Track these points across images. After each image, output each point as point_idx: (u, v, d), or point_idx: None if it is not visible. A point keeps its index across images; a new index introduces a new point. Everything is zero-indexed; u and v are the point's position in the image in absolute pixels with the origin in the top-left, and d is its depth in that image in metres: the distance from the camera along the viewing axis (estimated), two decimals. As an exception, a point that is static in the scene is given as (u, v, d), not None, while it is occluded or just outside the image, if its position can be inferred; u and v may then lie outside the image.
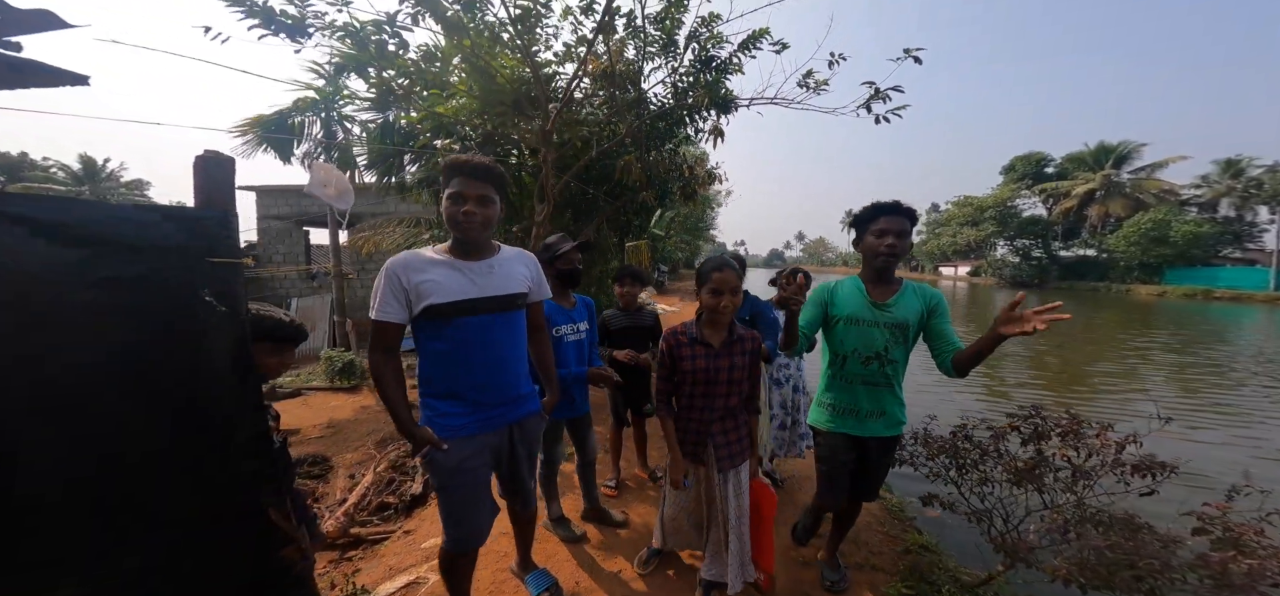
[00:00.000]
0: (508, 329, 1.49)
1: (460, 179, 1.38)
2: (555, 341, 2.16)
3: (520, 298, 1.51)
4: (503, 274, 1.48)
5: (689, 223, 20.55)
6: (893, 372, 1.69)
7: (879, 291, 1.70)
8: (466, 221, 1.38)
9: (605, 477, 3.06)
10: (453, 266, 1.41)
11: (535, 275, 1.61)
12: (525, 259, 1.59)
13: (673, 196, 6.24)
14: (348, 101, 6.43)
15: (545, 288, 1.65)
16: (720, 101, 4.47)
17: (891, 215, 1.64)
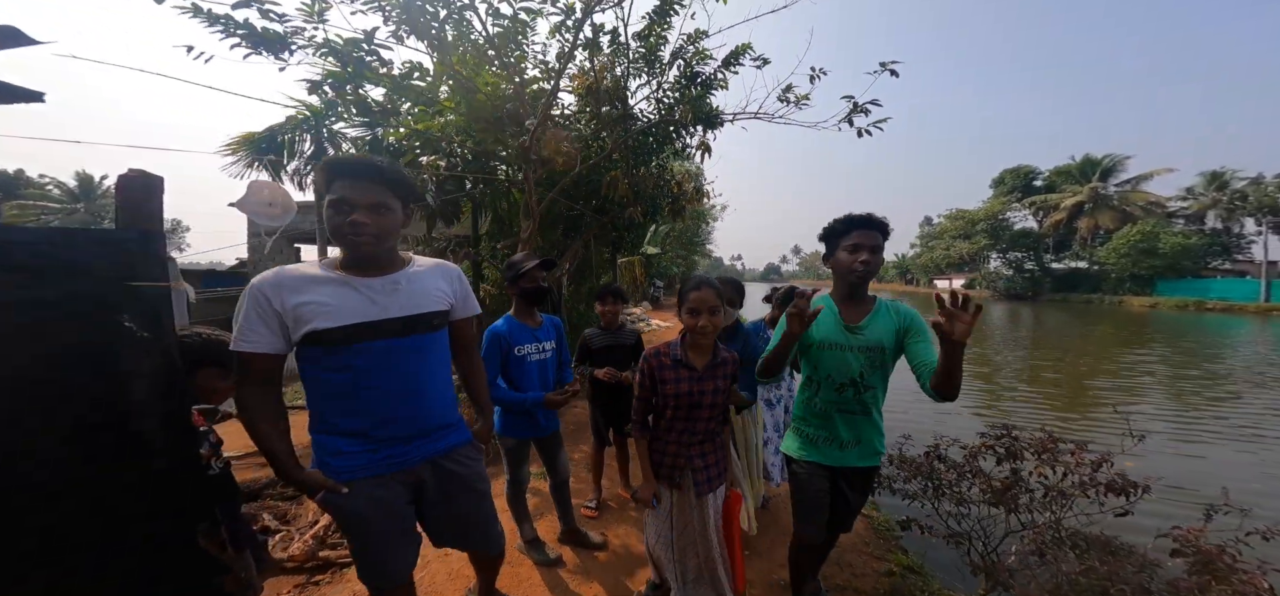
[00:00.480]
0: (420, 353, 1.27)
1: (343, 182, 1.14)
2: (517, 361, 2.11)
3: (436, 317, 1.31)
4: (413, 290, 1.27)
5: (683, 238, 20.63)
6: (871, 400, 1.58)
7: (852, 311, 1.59)
8: (355, 233, 1.14)
9: (586, 498, 3.00)
10: (345, 284, 1.18)
11: (459, 290, 1.42)
12: (446, 272, 1.40)
13: (661, 212, 6.26)
14: (340, 119, 6.47)
15: (472, 303, 1.48)
16: (705, 117, 4.51)
17: (865, 228, 1.52)
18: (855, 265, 1.53)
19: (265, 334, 1.11)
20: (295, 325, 1.13)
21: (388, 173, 1.19)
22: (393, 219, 1.21)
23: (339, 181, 1.15)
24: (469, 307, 1.48)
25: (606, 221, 5.85)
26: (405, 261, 1.32)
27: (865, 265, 1.52)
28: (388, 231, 1.21)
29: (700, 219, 21.93)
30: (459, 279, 1.44)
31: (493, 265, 6.24)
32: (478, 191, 5.39)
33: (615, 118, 4.63)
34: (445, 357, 1.39)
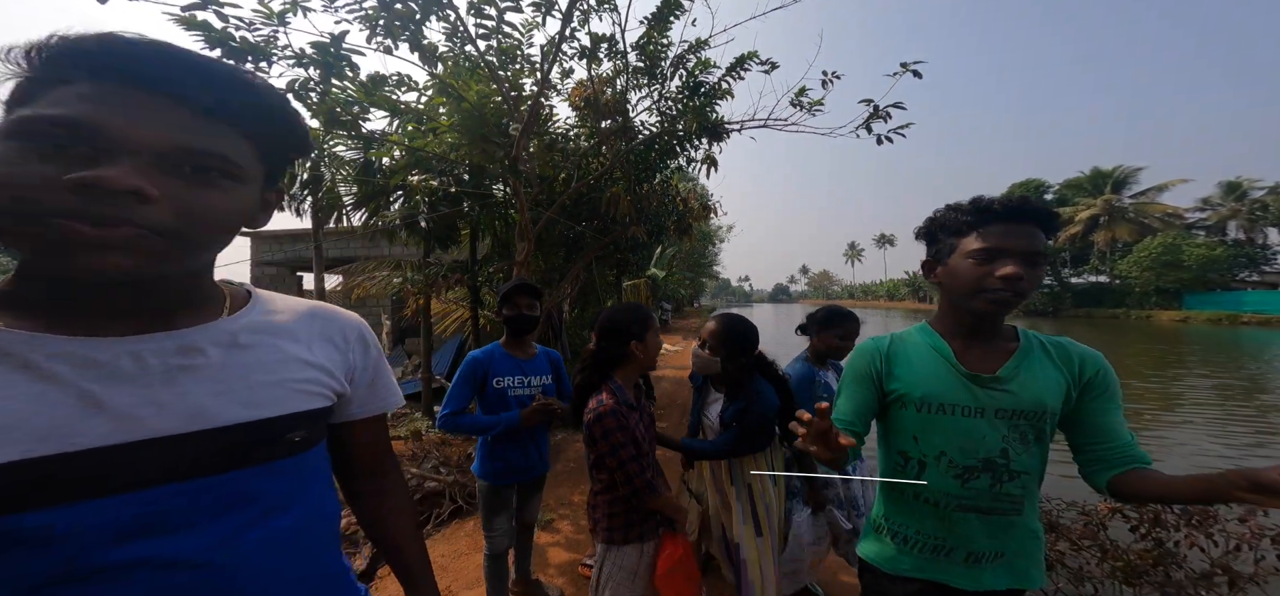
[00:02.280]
0: (242, 505, 0.53)
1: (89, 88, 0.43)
2: (496, 394, 1.85)
3: (295, 424, 0.58)
4: (236, 369, 0.54)
5: (691, 259, 20.44)
6: (1020, 491, 0.97)
7: (980, 355, 0.99)
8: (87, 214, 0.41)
9: (586, 552, 2.67)
10: (22, 359, 0.44)
11: (359, 360, 0.70)
12: (329, 325, 0.67)
13: (667, 231, 6.00)
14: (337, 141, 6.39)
15: (385, 383, 0.75)
16: (710, 128, 4.27)
17: (1013, 221, 0.92)
18: (991, 283, 0.91)
19: None
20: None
21: (252, 93, 0.50)
22: (231, 200, 0.50)
23: (86, 86, 0.42)
24: (380, 393, 0.74)
25: (609, 241, 5.60)
26: (228, 299, 0.60)
27: (1010, 284, 0.90)
28: (204, 226, 0.48)
29: (707, 239, 21.78)
30: (360, 339, 0.71)
31: (491, 291, 5.97)
32: (475, 213, 5.18)
33: (615, 130, 4.41)
34: (326, 511, 0.64)
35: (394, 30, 2.79)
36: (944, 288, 1.03)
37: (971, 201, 0.97)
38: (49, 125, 0.41)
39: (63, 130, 0.41)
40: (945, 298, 1.05)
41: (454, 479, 3.62)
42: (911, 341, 1.09)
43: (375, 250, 9.94)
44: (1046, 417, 0.95)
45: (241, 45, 2.71)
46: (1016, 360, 0.98)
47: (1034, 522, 1.01)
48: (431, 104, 3.92)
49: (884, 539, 1.11)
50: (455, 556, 2.73)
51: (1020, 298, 0.91)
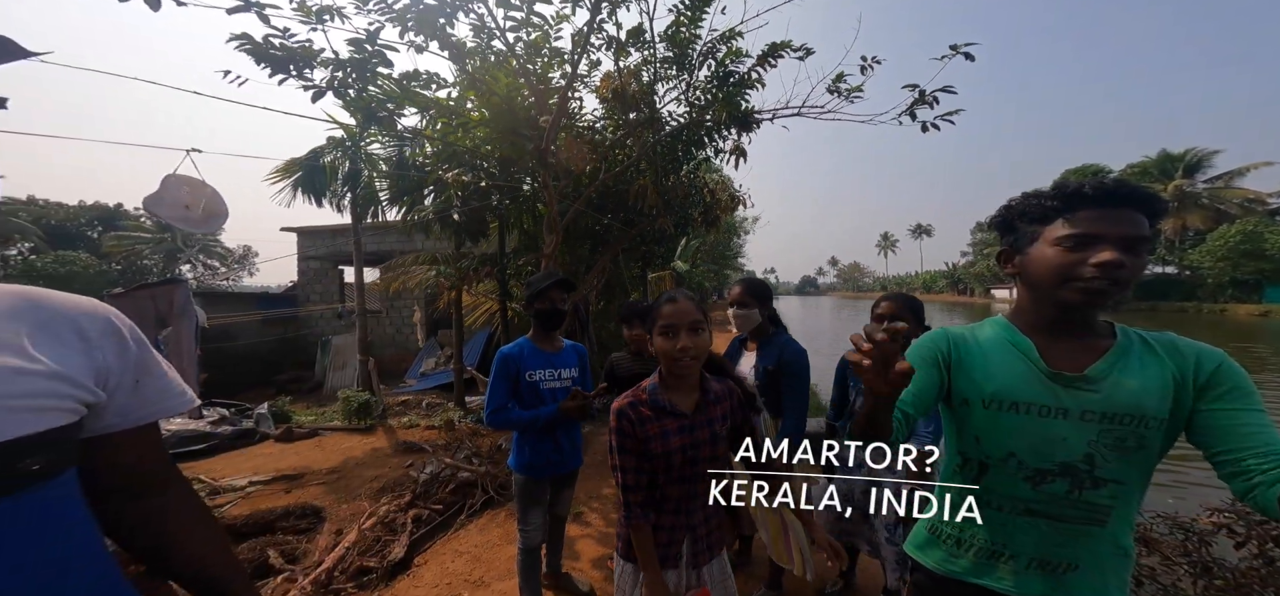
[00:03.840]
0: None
1: None
2: (530, 388, 1.88)
3: (23, 451, 0.48)
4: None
5: (715, 251, 20.16)
6: (1107, 501, 0.87)
7: (1067, 351, 0.90)
8: None
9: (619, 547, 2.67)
10: None
11: (100, 358, 0.57)
12: (40, 312, 0.54)
13: (693, 223, 5.89)
14: (372, 139, 6.59)
15: (160, 382, 0.64)
16: (740, 118, 4.14)
17: (1111, 204, 0.82)
18: (1085, 272, 0.82)
19: None
20: None
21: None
22: None
23: None
24: (149, 396, 0.62)
25: (635, 234, 5.56)
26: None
27: (1107, 272, 0.80)
28: None
29: (732, 231, 21.41)
30: (110, 332, 0.59)
31: (518, 284, 6.05)
32: (504, 206, 5.24)
33: (642, 121, 4.34)
34: (84, 546, 0.55)
35: (425, 26, 2.81)
36: (1024, 279, 0.94)
37: (1056, 185, 0.88)
38: None
39: None
40: (1026, 290, 0.95)
41: (486, 469, 3.70)
42: (985, 336, 0.99)
43: (410, 244, 10.27)
44: (1147, 423, 0.84)
45: (282, 51, 2.80)
46: (1111, 358, 0.88)
47: (1124, 537, 0.90)
48: (461, 99, 3.96)
49: (936, 539, 1.05)
50: (488, 547, 2.79)
51: (1120, 288, 0.81)
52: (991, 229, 1.03)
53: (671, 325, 1.17)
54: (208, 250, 32.91)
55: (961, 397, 0.96)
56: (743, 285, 2.06)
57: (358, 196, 7.15)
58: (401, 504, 3.32)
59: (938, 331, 1.06)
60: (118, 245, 26.60)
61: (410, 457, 4.58)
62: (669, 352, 1.17)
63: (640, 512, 1.21)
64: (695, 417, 1.21)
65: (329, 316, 11.46)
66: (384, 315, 11.21)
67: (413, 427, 5.69)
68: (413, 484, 3.63)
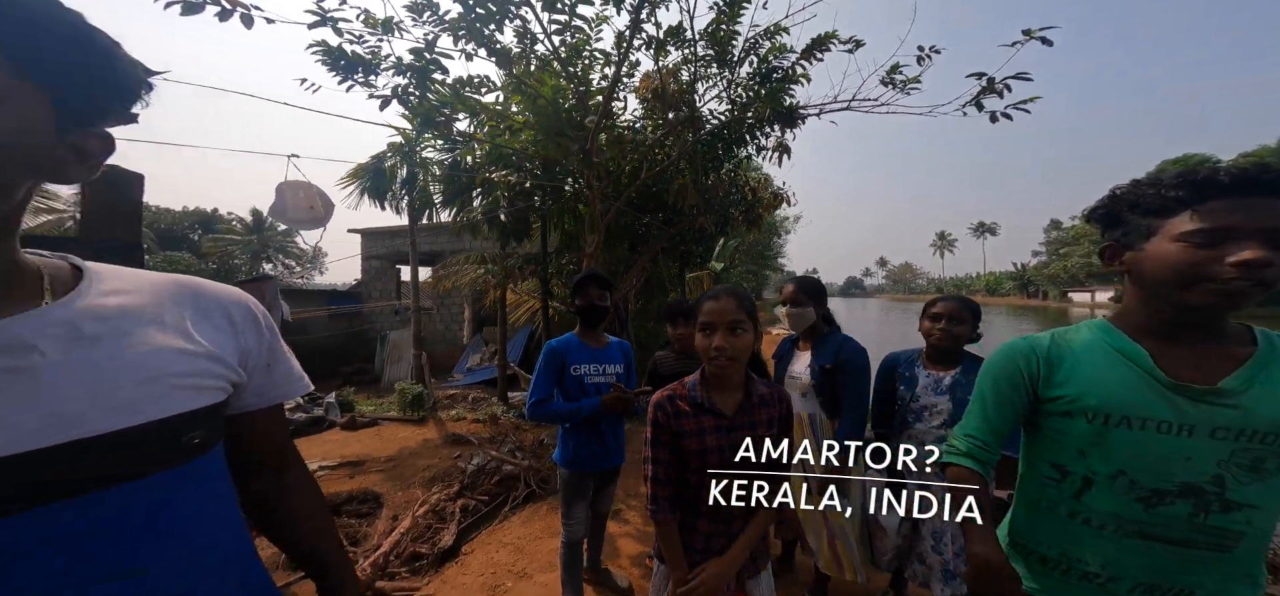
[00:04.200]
0: (143, 529, 0.48)
1: None
2: (574, 382, 1.91)
3: (188, 425, 0.51)
4: (94, 367, 0.46)
5: (754, 251, 19.66)
6: (1238, 525, 0.77)
7: (1190, 359, 0.80)
8: None
9: (654, 545, 2.67)
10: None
11: (245, 341, 0.61)
12: (200, 299, 0.59)
13: (733, 222, 5.78)
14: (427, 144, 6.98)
15: (283, 367, 0.68)
16: (784, 114, 4.01)
17: (1251, 193, 0.72)
18: (1222, 272, 0.73)
19: None
20: None
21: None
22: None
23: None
24: (279, 380, 0.67)
25: (674, 233, 5.53)
26: (50, 279, 0.50)
27: (1250, 272, 0.71)
28: None
29: (772, 230, 20.80)
30: (251, 318, 0.63)
31: (560, 282, 6.18)
32: (546, 207, 5.38)
33: (682, 120, 4.31)
34: (229, 517, 0.58)
35: (474, 35, 2.94)
36: (1136, 279, 0.84)
37: (1180, 173, 0.78)
38: None
39: None
40: (1138, 291, 0.85)
41: (529, 463, 3.81)
42: (1084, 341, 0.89)
43: (459, 244, 10.77)
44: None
45: (352, 58, 3.04)
46: (1252, 369, 0.77)
47: (1254, 566, 0.81)
48: (506, 102, 4.11)
49: (1017, 554, 0.95)
50: (531, 539, 2.87)
51: (1266, 289, 0.72)
52: (1092, 222, 0.92)
53: (710, 323, 1.14)
54: (285, 249, 36.20)
55: (1060, 409, 0.87)
56: (797, 284, 2.01)
57: (414, 199, 7.60)
58: (450, 493, 3.49)
59: (1019, 342, 0.95)
60: (214, 246, 29.86)
61: (458, 449, 4.80)
62: (706, 350, 1.15)
63: (666, 507, 1.19)
64: (736, 419, 1.17)
65: (387, 313, 12.24)
66: (435, 312, 11.83)
67: (460, 420, 5.96)
68: (461, 474, 3.80)
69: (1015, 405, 0.92)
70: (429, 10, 2.97)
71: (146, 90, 0.49)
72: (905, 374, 1.83)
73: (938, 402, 1.71)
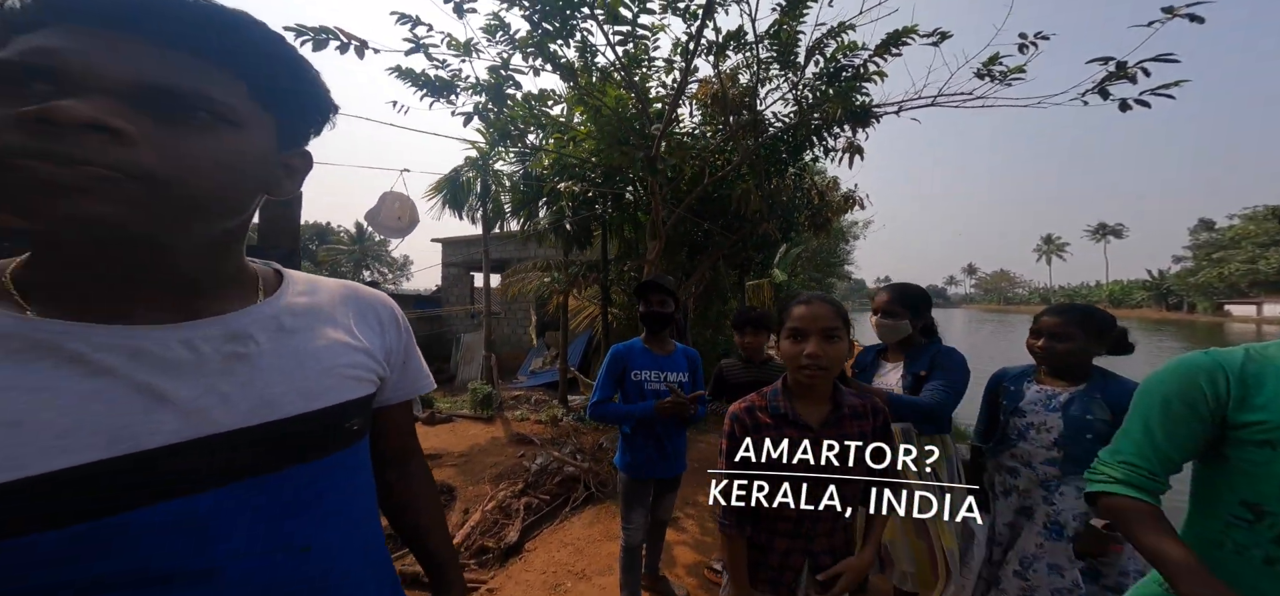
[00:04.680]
0: (314, 505, 0.52)
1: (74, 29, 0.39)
2: (634, 386, 1.93)
3: (350, 413, 0.57)
4: (293, 357, 0.53)
5: (818, 258, 18.62)
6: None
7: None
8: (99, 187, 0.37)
9: (714, 556, 2.62)
10: (30, 344, 0.40)
11: (393, 340, 0.67)
12: (362, 304, 0.65)
13: (799, 227, 5.53)
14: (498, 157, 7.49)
15: (416, 366, 0.73)
16: (856, 114, 3.77)
17: None
18: None
19: None
20: None
21: (235, 29, 0.44)
22: (224, 143, 0.44)
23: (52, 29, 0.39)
24: (412, 377, 0.72)
25: (735, 240, 5.40)
26: (260, 280, 0.56)
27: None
28: (223, 179, 0.44)
29: (839, 236, 19.58)
30: (395, 320, 0.69)
31: (619, 290, 6.27)
32: (607, 214, 5.50)
33: (745, 125, 4.21)
34: (370, 502, 0.63)
35: (543, 51, 3.11)
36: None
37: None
38: (5, 70, 0.37)
39: (17, 70, 0.37)
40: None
41: (588, 466, 3.88)
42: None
43: (526, 252, 11.37)
44: None
45: (437, 81, 3.34)
46: None
47: None
48: (569, 114, 4.29)
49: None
50: (590, 541, 2.91)
51: None
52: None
53: (800, 329, 1.06)
54: (381, 258, 40.68)
55: (1257, 438, 0.74)
56: (891, 291, 1.84)
57: (488, 209, 8.16)
58: (515, 491, 3.64)
59: (1198, 357, 0.82)
60: (327, 256, 34.36)
61: (522, 448, 5.01)
62: (794, 359, 1.06)
63: (736, 524, 1.12)
64: (823, 432, 1.07)
65: (463, 317, 13.19)
66: (503, 316, 12.55)
67: (524, 421, 6.24)
68: (525, 473, 3.96)
69: (1192, 431, 0.79)
70: (501, 31, 3.19)
71: (334, 113, 0.55)
72: (1010, 388, 1.67)
73: (1047, 420, 1.53)
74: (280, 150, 0.51)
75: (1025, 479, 1.56)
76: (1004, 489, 1.64)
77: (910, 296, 1.81)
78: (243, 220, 0.50)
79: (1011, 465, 1.61)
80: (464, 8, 2.99)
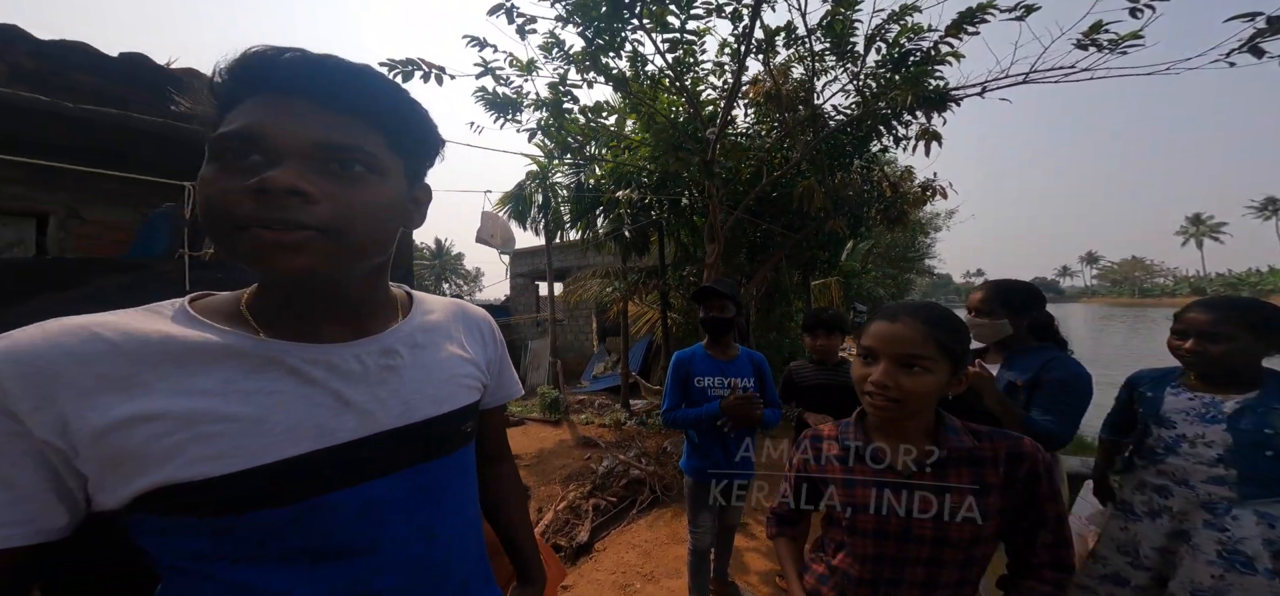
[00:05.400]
0: (440, 496, 0.61)
1: (258, 102, 0.48)
2: (697, 393, 1.93)
3: (466, 416, 0.66)
4: (425, 367, 0.62)
5: (892, 253, 17.23)
6: None
7: None
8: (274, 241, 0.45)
9: None
10: (266, 362, 0.50)
11: (492, 352, 0.76)
12: (469, 319, 0.74)
13: (869, 222, 5.20)
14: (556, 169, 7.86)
15: (509, 373, 0.81)
16: (930, 98, 3.49)
17: None
18: None
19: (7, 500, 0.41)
20: (110, 471, 0.43)
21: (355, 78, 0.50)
22: (376, 191, 0.51)
23: (252, 95, 0.48)
24: (506, 384, 0.80)
25: (800, 239, 5.19)
26: (398, 302, 0.66)
27: None
28: (359, 219, 0.50)
29: (917, 229, 17.97)
30: (493, 333, 0.78)
31: (679, 294, 6.28)
32: (663, 220, 5.56)
33: (803, 120, 4.07)
34: (476, 498, 0.70)
35: (596, 64, 3.24)
36: None
37: None
38: (227, 141, 0.46)
39: (237, 143, 0.46)
40: None
41: (653, 469, 3.93)
42: None
43: (585, 261, 11.74)
44: None
45: (502, 99, 3.60)
46: None
47: None
48: (621, 122, 4.41)
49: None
50: (657, 544, 2.95)
51: None
52: None
53: (871, 349, 0.85)
54: (456, 270, 44.17)
55: None
56: (987, 288, 1.69)
57: (548, 220, 8.58)
58: (584, 492, 3.78)
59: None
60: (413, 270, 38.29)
61: (588, 451, 5.17)
62: (859, 382, 0.87)
63: (777, 522, 1.04)
64: (919, 478, 0.85)
65: (530, 324, 13.91)
66: (566, 323, 13.03)
67: (589, 424, 6.43)
68: (592, 475, 4.09)
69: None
70: (557, 46, 3.36)
71: (442, 148, 0.62)
72: (1148, 395, 1.46)
73: (1206, 433, 1.32)
74: (409, 188, 0.58)
75: (1181, 499, 1.36)
76: (1150, 509, 1.43)
77: (1011, 293, 1.63)
78: (389, 253, 0.59)
79: (1160, 483, 1.40)
80: (526, 29, 3.20)
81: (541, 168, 7.84)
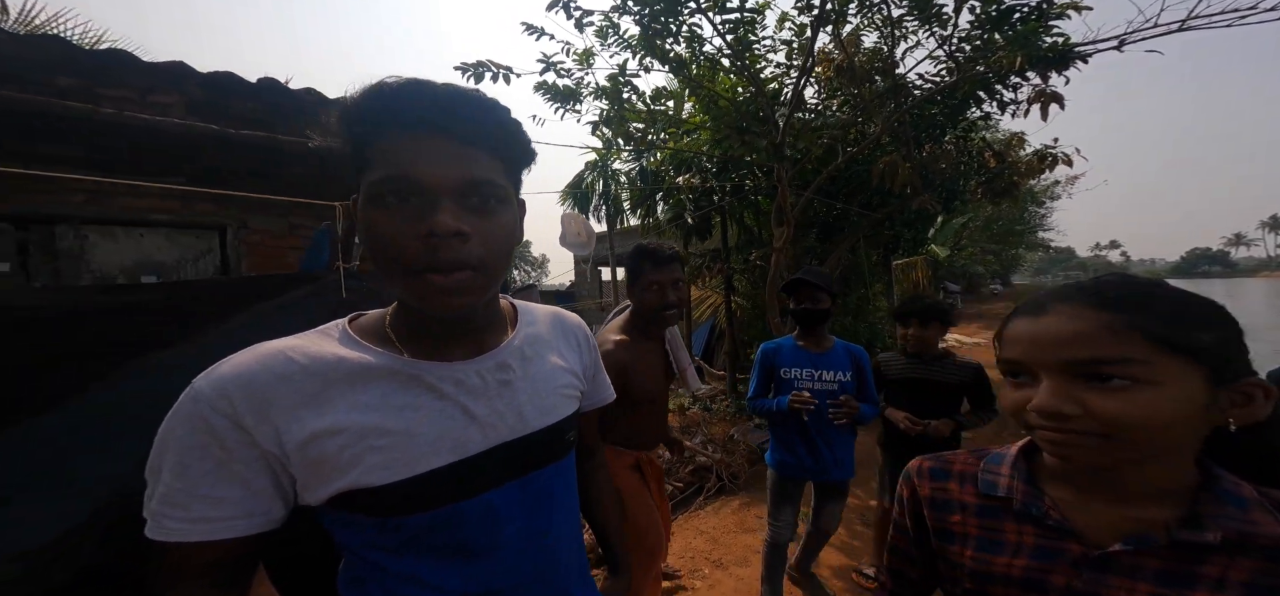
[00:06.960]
0: (550, 499, 0.65)
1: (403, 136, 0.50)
2: (783, 384, 1.88)
3: (568, 426, 0.68)
4: (536, 379, 0.65)
5: (993, 227, 15.22)
6: None
7: None
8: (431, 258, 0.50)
9: (864, 560, 2.45)
10: (411, 378, 0.56)
11: (588, 359, 0.78)
12: (566, 328, 0.76)
13: (967, 195, 4.66)
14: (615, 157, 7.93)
15: (603, 378, 0.84)
16: (1044, 57, 3.00)
17: None
18: None
19: (234, 496, 0.49)
20: (311, 475, 0.51)
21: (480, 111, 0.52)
22: (505, 219, 0.55)
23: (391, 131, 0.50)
24: (600, 388, 0.83)
25: (879, 218, 4.79)
26: (507, 316, 0.68)
27: None
28: (497, 249, 0.54)
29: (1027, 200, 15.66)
30: (588, 340, 0.79)
31: (744, 278, 6.10)
32: (726, 203, 5.40)
33: (883, 92, 3.71)
34: (577, 499, 0.74)
35: (653, 49, 3.19)
36: None
37: None
38: (387, 186, 0.49)
39: (400, 188, 0.49)
40: None
41: (720, 457, 3.91)
42: None
43: (648, 245, 11.77)
44: None
45: (563, 91, 3.69)
46: None
47: None
48: (678, 107, 4.32)
49: None
50: (724, 532, 2.95)
51: None
52: None
53: (1018, 364, 0.51)
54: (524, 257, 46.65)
55: None
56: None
57: (609, 208, 8.72)
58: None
59: None
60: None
61: (654, 434, 5.26)
62: (1015, 409, 0.51)
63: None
64: (1129, 559, 0.47)
65: (593, 310, 14.35)
66: (629, 308, 13.28)
67: (655, 408, 6.53)
68: (662, 461, 4.16)
69: None
70: (613, 32, 3.34)
71: (534, 161, 0.63)
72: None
73: None
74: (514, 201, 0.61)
75: None
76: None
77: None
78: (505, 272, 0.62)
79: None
80: (583, 22, 3.21)
81: (600, 156, 7.95)
